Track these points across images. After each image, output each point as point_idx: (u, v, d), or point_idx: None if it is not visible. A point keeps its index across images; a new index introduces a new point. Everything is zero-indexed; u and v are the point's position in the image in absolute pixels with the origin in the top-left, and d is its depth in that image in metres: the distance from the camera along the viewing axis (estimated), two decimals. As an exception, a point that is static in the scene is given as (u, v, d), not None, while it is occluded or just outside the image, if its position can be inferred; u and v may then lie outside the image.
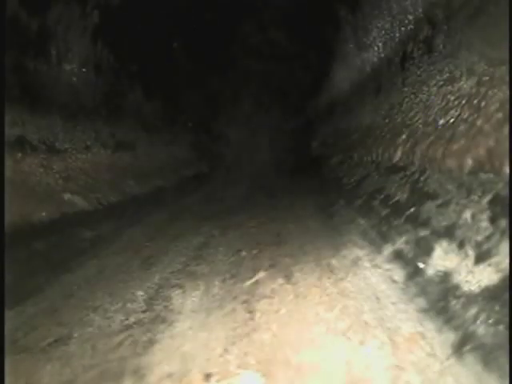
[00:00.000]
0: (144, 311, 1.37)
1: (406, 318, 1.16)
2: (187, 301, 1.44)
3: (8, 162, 2.05)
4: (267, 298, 1.41)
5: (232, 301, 1.42)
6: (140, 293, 1.52)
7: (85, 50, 3.19)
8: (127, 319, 1.31)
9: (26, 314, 1.38)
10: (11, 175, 2.04)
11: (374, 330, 1.13)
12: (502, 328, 0.88)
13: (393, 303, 1.26)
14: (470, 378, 0.87)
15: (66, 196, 2.46)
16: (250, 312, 1.32)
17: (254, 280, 1.60)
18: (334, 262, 1.72)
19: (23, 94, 2.47)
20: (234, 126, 6.66)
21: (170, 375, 1.00)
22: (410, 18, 2.54)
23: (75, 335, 1.22)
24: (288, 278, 1.58)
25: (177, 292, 1.52)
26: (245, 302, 1.40)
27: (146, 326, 1.26)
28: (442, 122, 1.79)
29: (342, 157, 3.84)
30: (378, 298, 1.32)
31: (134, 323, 1.28)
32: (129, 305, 1.42)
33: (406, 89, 2.50)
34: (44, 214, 2.09)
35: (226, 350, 1.11)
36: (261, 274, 1.65)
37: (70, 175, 2.65)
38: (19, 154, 2.25)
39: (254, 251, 2.00)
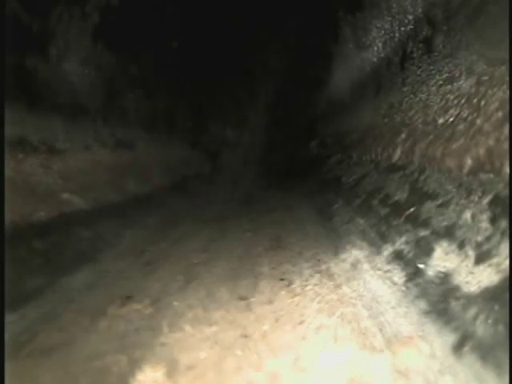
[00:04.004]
0: (146, 317, 1.37)
1: (407, 322, 1.15)
2: (188, 306, 1.44)
3: (9, 163, 2.05)
4: (267, 304, 1.42)
5: (232, 305, 1.42)
6: (142, 299, 1.52)
7: (85, 49, 3.18)
8: (129, 325, 1.31)
9: (28, 319, 1.37)
10: (12, 175, 2.04)
11: (373, 336, 1.12)
12: (501, 327, 0.88)
13: (392, 307, 1.26)
14: (469, 376, 0.88)
15: (66, 196, 2.45)
16: (250, 317, 1.32)
17: (253, 285, 1.60)
18: (333, 266, 1.72)
19: (23, 94, 2.47)
20: (233, 125, 6.66)
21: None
22: (410, 17, 2.53)
23: (77, 341, 1.22)
24: (287, 284, 1.59)
25: (178, 297, 1.52)
26: (245, 307, 1.40)
27: (148, 331, 1.26)
28: (441, 121, 1.79)
29: (341, 156, 3.83)
30: (377, 303, 1.31)
31: (136, 329, 1.28)
32: (131, 311, 1.42)
33: (405, 88, 2.50)
34: (43, 213, 2.08)
35: (226, 353, 1.11)
36: (260, 280, 1.66)
37: (69, 175, 2.64)
38: (20, 155, 2.25)
39: (254, 256, 2.00)
